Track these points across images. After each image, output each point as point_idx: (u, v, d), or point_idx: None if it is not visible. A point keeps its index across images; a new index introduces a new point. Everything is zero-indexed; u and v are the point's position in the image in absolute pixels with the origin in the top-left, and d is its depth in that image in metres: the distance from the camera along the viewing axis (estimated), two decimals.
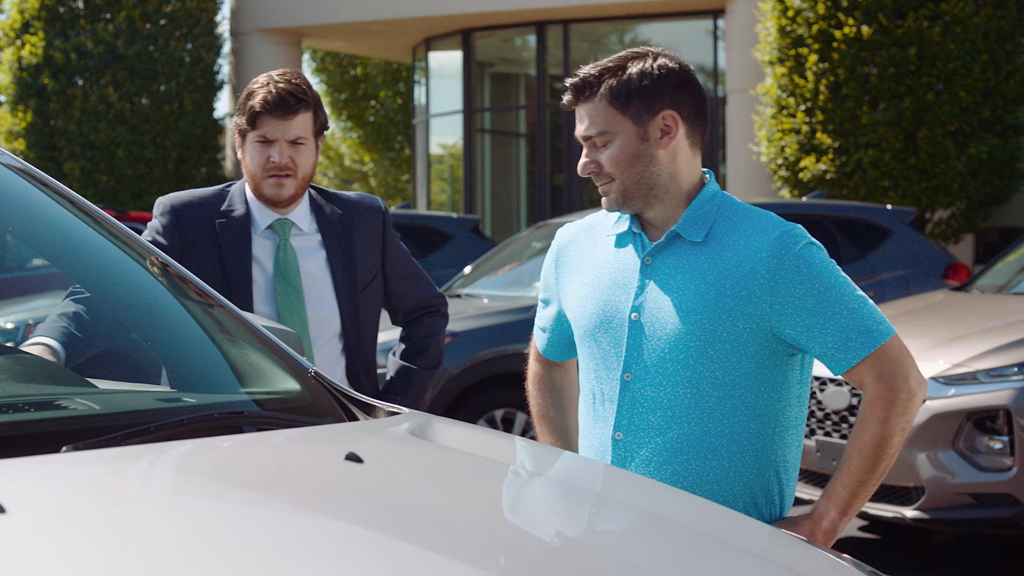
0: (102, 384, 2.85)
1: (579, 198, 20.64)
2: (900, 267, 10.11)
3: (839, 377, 3.12)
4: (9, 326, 9.14)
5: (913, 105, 14.18)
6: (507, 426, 8.73)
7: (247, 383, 2.86)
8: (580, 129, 2.96)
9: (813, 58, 14.54)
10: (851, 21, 14.28)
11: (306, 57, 31.06)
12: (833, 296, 2.83)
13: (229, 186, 3.94)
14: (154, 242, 3.79)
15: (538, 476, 2.62)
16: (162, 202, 3.88)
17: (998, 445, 6.31)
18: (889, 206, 11.24)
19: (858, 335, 2.83)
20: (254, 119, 3.78)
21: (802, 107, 14.79)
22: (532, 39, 21.74)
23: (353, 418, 2.73)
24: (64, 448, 2.18)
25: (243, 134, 3.83)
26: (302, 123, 3.79)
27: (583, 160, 2.96)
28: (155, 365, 2.99)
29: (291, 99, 3.76)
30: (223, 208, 3.87)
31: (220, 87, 21.36)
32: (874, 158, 14.29)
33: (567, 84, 2.97)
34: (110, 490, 2.11)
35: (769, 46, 15.19)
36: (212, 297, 2.95)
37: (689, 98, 2.94)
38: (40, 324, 3.33)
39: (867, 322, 2.84)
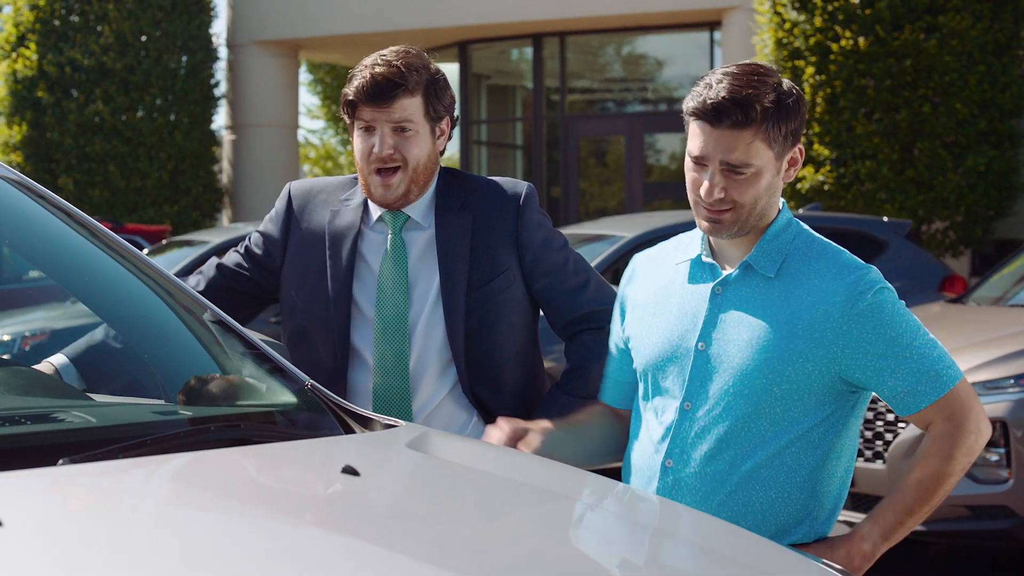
0: (99, 397, 2.85)
1: (575, 210, 20.65)
2: (896, 279, 10.03)
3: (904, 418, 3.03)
4: (6, 338, 9.13)
5: (909, 117, 14.19)
6: None
7: (243, 396, 2.86)
8: (718, 152, 2.77)
9: (810, 70, 14.56)
10: (848, 33, 14.29)
11: (303, 69, 31.07)
12: (904, 341, 2.79)
13: None
14: (264, 227, 3.54)
15: (536, 489, 2.62)
16: (286, 187, 3.55)
17: (994, 457, 6.31)
18: (885, 218, 11.24)
19: (928, 379, 2.79)
20: (352, 107, 3.36)
21: None
22: (529, 51, 21.75)
23: (350, 431, 2.73)
24: (61, 461, 2.18)
25: (350, 124, 3.40)
26: (408, 108, 3.31)
27: (708, 185, 2.78)
28: (152, 377, 2.99)
29: (387, 84, 3.30)
30: (343, 196, 3.48)
31: (217, 100, 21.34)
32: (871, 170, 14.30)
33: (712, 102, 2.75)
34: (107, 503, 2.11)
35: (765, 58, 15.20)
36: (209, 309, 2.95)
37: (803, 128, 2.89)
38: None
39: (937, 366, 2.80)
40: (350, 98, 3.35)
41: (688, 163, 2.84)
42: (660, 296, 2.96)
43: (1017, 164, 14.81)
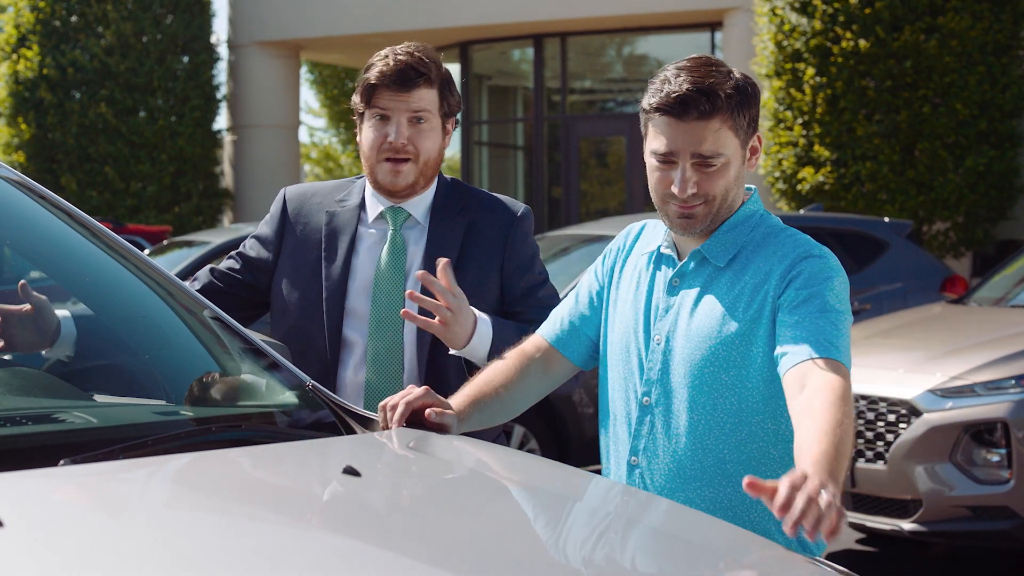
0: (100, 398, 2.85)
1: (576, 211, 20.64)
2: (897, 280, 10.12)
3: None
4: None
5: (910, 118, 14.19)
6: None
7: (244, 396, 2.86)
8: (688, 145, 2.75)
9: (810, 72, 14.56)
10: (848, 35, 14.29)
11: (304, 70, 31.07)
12: (829, 304, 2.67)
13: (359, 177, 3.56)
14: (259, 230, 3.56)
15: (536, 489, 2.62)
16: (281, 191, 3.59)
17: (995, 458, 6.31)
18: (886, 219, 11.25)
19: (825, 344, 2.63)
20: (371, 93, 3.38)
21: (799, 120, 14.80)
22: (530, 52, 21.75)
23: (351, 431, 2.73)
24: (62, 461, 2.18)
25: (360, 114, 3.43)
26: (426, 98, 3.37)
27: (681, 181, 2.75)
28: (153, 378, 2.99)
29: (411, 72, 3.35)
30: (338, 198, 3.52)
31: (220, 101, 21.32)
32: (871, 171, 14.30)
33: (676, 94, 2.73)
34: (108, 504, 2.11)
35: (766, 59, 15.20)
36: (210, 309, 2.95)
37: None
38: None
39: (839, 343, 2.66)
40: (372, 82, 3.37)
41: (652, 163, 2.81)
42: (630, 284, 2.94)
43: (1017, 165, 14.81)
